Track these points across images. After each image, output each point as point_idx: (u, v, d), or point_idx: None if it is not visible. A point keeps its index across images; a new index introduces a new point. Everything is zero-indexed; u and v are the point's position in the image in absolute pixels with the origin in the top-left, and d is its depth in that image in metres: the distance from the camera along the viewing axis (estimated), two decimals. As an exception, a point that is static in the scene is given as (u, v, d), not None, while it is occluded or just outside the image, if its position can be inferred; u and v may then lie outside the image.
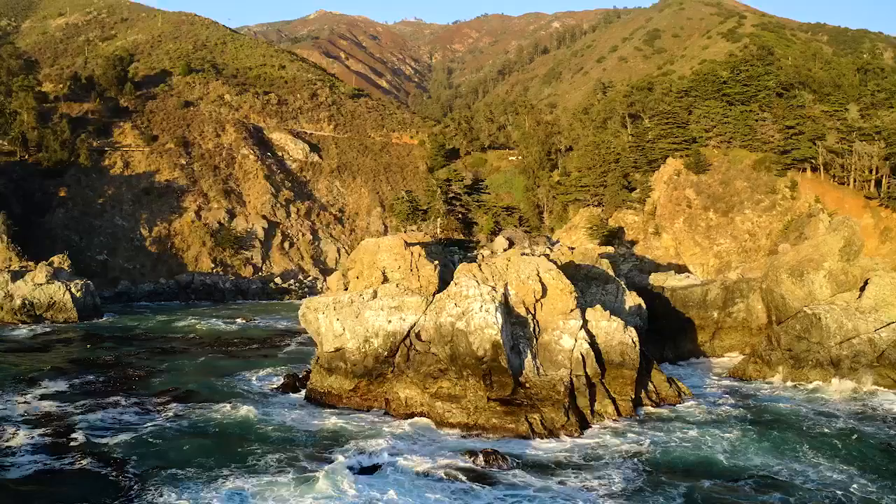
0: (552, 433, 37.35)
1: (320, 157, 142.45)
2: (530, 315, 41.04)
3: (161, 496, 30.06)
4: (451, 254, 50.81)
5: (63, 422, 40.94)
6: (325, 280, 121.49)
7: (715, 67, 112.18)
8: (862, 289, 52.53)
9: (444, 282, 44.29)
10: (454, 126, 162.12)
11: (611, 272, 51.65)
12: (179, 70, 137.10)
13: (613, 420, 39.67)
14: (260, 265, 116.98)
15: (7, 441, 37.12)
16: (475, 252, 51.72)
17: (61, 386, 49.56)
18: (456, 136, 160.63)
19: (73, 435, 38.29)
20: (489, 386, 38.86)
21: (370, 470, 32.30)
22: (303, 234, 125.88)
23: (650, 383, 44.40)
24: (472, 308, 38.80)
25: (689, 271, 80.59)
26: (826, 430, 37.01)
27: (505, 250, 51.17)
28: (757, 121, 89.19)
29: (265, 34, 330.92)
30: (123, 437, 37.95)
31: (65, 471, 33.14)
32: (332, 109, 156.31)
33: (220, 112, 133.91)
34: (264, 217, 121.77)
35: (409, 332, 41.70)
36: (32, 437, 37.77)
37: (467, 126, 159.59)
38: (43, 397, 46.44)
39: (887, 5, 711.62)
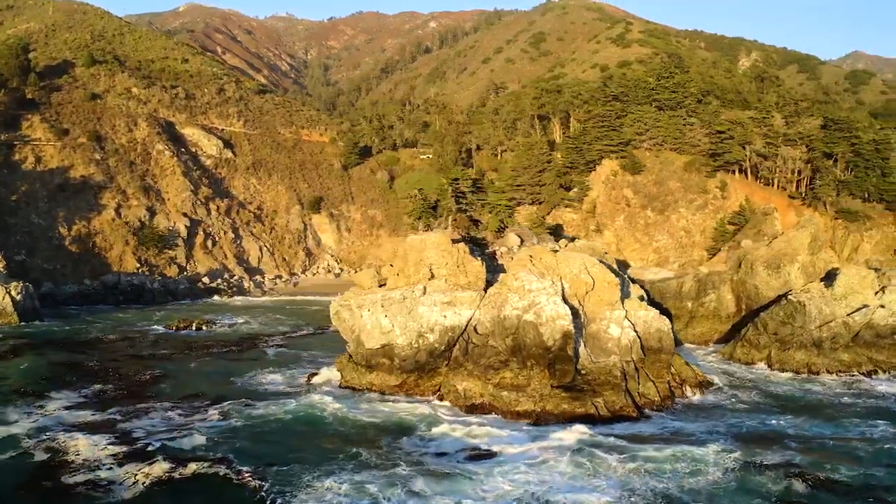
0: (614, 415, 40.15)
1: (234, 153, 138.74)
2: (581, 306, 43.68)
3: (294, 495, 29.56)
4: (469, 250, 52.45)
5: (113, 429, 38.49)
6: (250, 279, 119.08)
7: (643, 74, 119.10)
8: (823, 279, 59.03)
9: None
10: (366, 124, 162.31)
11: (615, 266, 55.13)
12: (82, 61, 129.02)
13: (657, 402, 42.96)
14: (184, 264, 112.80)
15: (78, 452, 34.83)
16: (490, 248, 53.65)
17: (73, 396, 45.90)
18: (366, 135, 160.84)
19: (140, 442, 36.38)
20: (553, 374, 41.15)
21: (486, 456, 33.67)
22: (224, 233, 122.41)
23: (672, 366, 48.19)
24: (540, 301, 40.94)
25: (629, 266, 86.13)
26: (851, 404, 42.23)
27: (519, 246, 53.45)
28: (685, 125, 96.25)
29: (136, 25, 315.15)
30: (197, 439, 36.38)
31: (179, 478, 31.64)
32: (240, 105, 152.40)
33: (128, 105, 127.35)
34: (185, 215, 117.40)
35: (466, 325, 43.22)
36: (102, 447, 35.30)
37: (379, 124, 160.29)
38: (66, 408, 43.07)
39: (756, 13, 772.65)
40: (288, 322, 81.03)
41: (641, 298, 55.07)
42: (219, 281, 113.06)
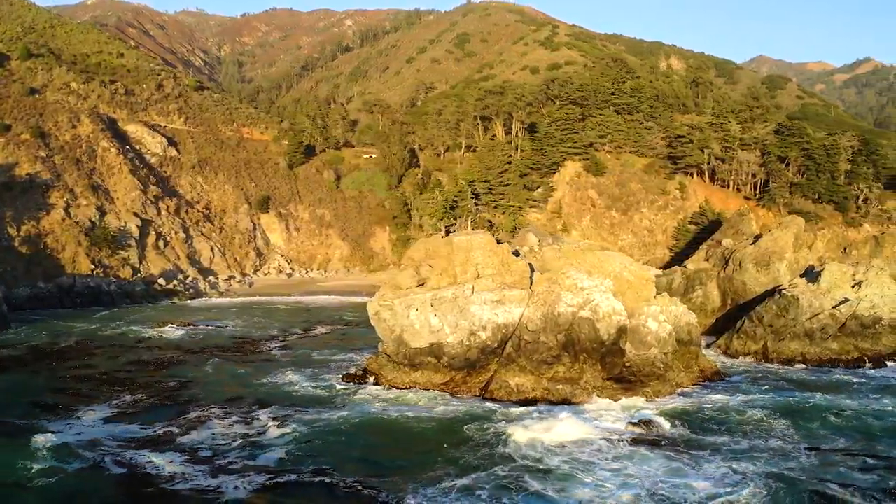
0: (660, 402, 42.97)
1: (178, 151, 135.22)
2: (622, 302, 46.14)
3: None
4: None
5: (175, 442, 36.97)
6: (205, 280, 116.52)
7: (601, 79, 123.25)
8: (802, 275, 63.84)
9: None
10: (309, 122, 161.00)
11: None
12: (18, 54, 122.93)
13: (686, 390, 46.01)
14: (138, 266, 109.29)
15: (158, 468, 33.13)
16: (511, 248, 55.42)
17: (105, 408, 43.69)
18: (307, 133, 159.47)
19: (217, 458, 34.60)
20: (604, 367, 43.47)
21: (573, 446, 35.34)
22: (175, 233, 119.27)
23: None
24: (594, 297, 43.11)
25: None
26: (860, 384, 46.93)
27: (538, 246, 55.55)
28: (644, 129, 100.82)
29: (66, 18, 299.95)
30: (277, 452, 35.36)
31: (286, 483, 31.26)
32: (179, 101, 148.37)
33: (68, 101, 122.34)
34: (136, 215, 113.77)
35: (517, 323, 44.91)
36: (174, 461, 33.94)
37: (322, 123, 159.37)
38: (107, 421, 41.11)
39: (667, 17, 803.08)
40: (270, 323, 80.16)
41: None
42: (174, 283, 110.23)
